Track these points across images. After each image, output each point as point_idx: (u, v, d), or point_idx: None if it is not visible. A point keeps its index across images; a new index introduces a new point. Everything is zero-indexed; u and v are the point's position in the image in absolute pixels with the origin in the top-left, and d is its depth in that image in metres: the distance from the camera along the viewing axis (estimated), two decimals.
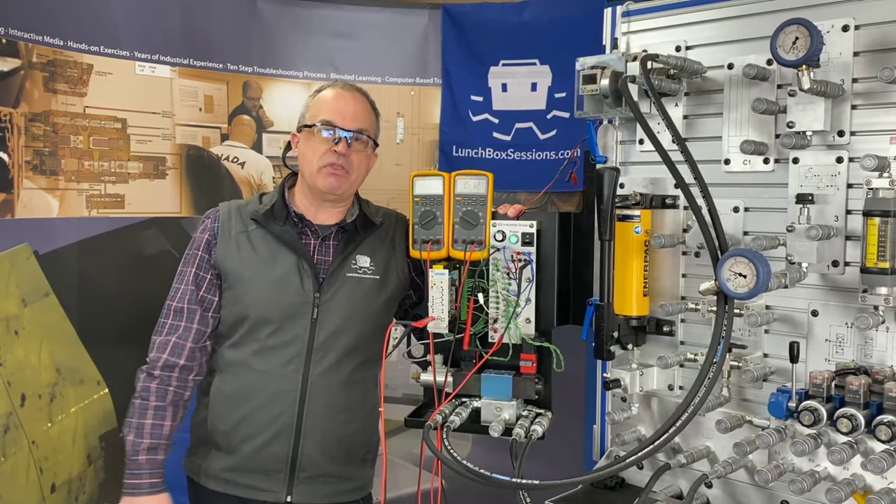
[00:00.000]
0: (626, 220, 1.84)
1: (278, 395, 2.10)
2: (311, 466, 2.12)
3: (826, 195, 1.65)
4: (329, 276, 2.13)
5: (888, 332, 1.62)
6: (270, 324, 2.10)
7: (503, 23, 3.46)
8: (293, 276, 2.11)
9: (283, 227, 2.14)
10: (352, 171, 2.13)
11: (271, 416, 2.10)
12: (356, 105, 2.17)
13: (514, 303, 1.87)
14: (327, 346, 2.11)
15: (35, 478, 2.76)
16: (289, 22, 3.42)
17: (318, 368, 2.11)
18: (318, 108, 2.16)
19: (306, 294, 2.10)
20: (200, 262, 2.16)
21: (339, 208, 2.20)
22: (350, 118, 2.13)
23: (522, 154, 3.49)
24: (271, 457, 2.11)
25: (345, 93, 2.19)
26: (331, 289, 2.12)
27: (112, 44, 3.01)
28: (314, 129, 2.12)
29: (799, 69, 1.57)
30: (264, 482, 2.12)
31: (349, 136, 2.11)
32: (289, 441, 2.10)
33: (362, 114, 2.17)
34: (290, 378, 2.10)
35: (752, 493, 1.81)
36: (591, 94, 1.86)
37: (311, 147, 2.13)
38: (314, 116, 2.15)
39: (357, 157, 2.14)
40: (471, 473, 1.63)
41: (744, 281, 1.55)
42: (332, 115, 2.13)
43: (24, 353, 2.72)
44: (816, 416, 1.57)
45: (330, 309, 2.11)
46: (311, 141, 2.13)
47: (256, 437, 2.11)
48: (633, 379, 1.87)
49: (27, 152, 2.76)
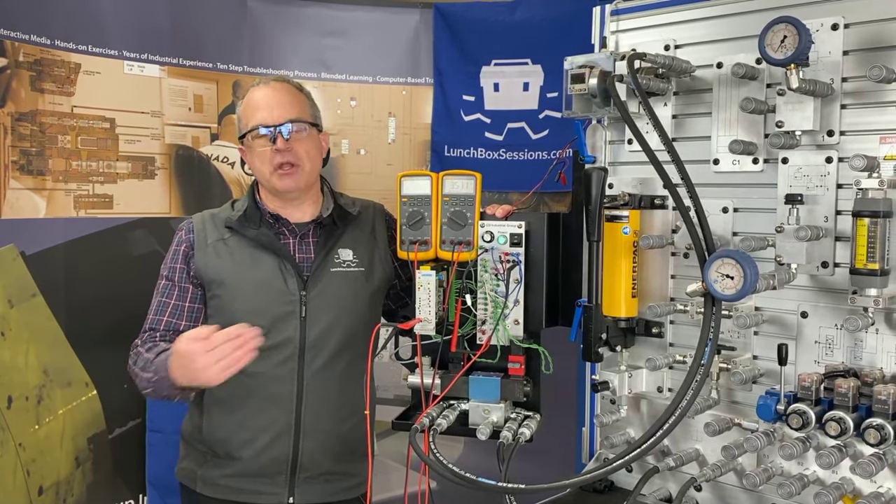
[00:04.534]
0: (615, 221, 1.82)
1: (274, 397, 2.08)
2: (312, 466, 2.11)
3: (815, 195, 1.64)
4: (313, 273, 2.11)
5: (878, 334, 1.60)
6: (260, 328, 2.07)
7: (495, 22, 3.45)
8: (276, 278, 2.09)
9: (259, 230, 2.12)
10: (302, 162, 2.09)
11: (269, 419, 2.08)
12: (279, 96, 2.12)
13: (502, 304, 1.85)
14: (320, 344, 2.10)
15: (22, 480, 2.74)
16: (279, 21, 3.41)
17: (312, 367, 2.09)
18: (246, 115, 2.13)
19: (292, 294, 2.08)
20: (181, 275, 2.13)
21: (308, 202, 2.17)
22: (277, 111, 2.08)
23: (514, 154, 3.48)
24: (272, 459, 2.09)
25: (265, 89, 2.13)
26: (316, 286, 2.10)
27: (100, 43, 2.99)
28: (250, 136, 2.10)
29: (788, 68, 1.55)
30: (266, 486, 2.11)
31: (284, 129, 2.07)
32: (288, 442, 2.09)
33: (288, 102, 2.11)
34: (286, 379, 2.08)
35: (741, 496, 1.79)
36: (580, 93, 1.84)
37: (255, 155, 2.10)
38: (245, 126, 2.12)
39: (302, 146, 2.09)
40: (456, 477, 1.62)
41: (731, 282, 1.53)
42: (258, 116, 2.08)
43: (10, 354, 2.71)
44: (805, 419, 1.56)
45: (318, 306, 2.10)
46: (253, 149, 2.11)
47: (255, 441, 2.09)
48: (622, 381, 1.85)
49: (14, 152, 2.74)
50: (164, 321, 2.12)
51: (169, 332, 2.10)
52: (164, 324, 2.12)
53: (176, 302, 2.13)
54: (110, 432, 3.05)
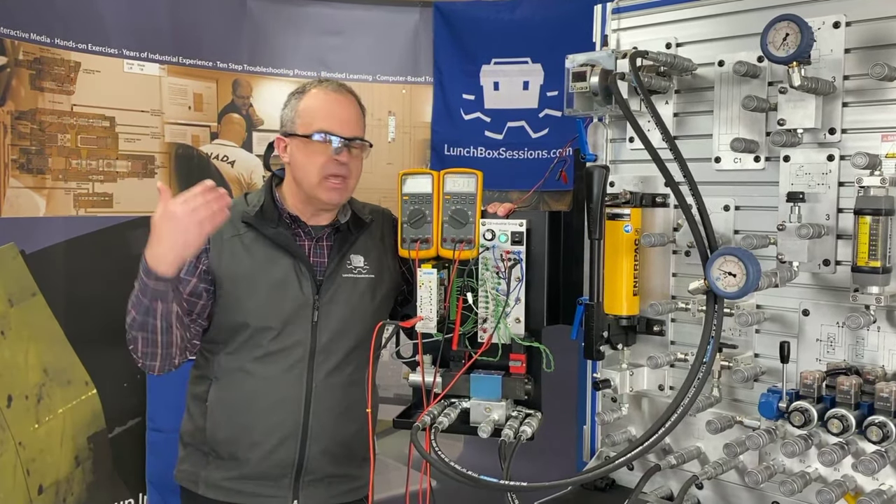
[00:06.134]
0: (616, 219, 1.82)
1: (282, 400, 2.06)
2: (316, 469, 2.09)
3: (817, 193, 1.64)
4: (327, 277, 2.09)
5: (879, 332, 1.60)
6: (271, 330, 2.05)
7: (495, 21, 3.45)
8: (291, 280, 2.06)
9: (276, 229, 2.08)
10: (351, 177, 2.08)
11: (276, 422, 2.06)
12: (351, 110, 2.10)
13: (503, 302, 1.85)
14: (329, 349, 2.08)
15: (22, 479, 2.74)
16: (279, 20, 3.41)
17: (321, 372, 2.07)
18: (312, 115, 2.07)
19: (306, 297, 2.06)
20: (188, 267, 2.02)
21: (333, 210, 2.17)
22: (347, 125, 2.06)
23: (514, 153, 3.48)
24: (277, 463, 2.07)
25: (338, 97, 2.10)
26: (329, 291, 2.08)
27: (100, 41, 2.99)
28: (311, 139, 2.04)
29: (789, 66, 1.55)
30: (270, 489, 2.09)
31: (352, 145, 2.05)
32: (295, 446, 2.07)
33: (356, 118, 2.11)
34: (294, 383, 2.06)
35: (743, 494, 1.79)
36: (581, 91, 1.84)
37: (309, 158, 2.04)
38: (308, 125, 2.06)
39: (356, 163, 2.09)
40: (458, 475, 1.61)
41: (733, 280, 1.53)
42: (328, 123, 2.04)
43: (10, 353, 2.70)
44: (807, 416, 1.56)
45: (329, 311, 2.08)
46: (308, 151, 2.05)
47: (262, 444, 2.06)
48: (623, 379, 1.85)
49: (13, 150, 2.74)
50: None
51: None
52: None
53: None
54: (110, 431, 3.05)
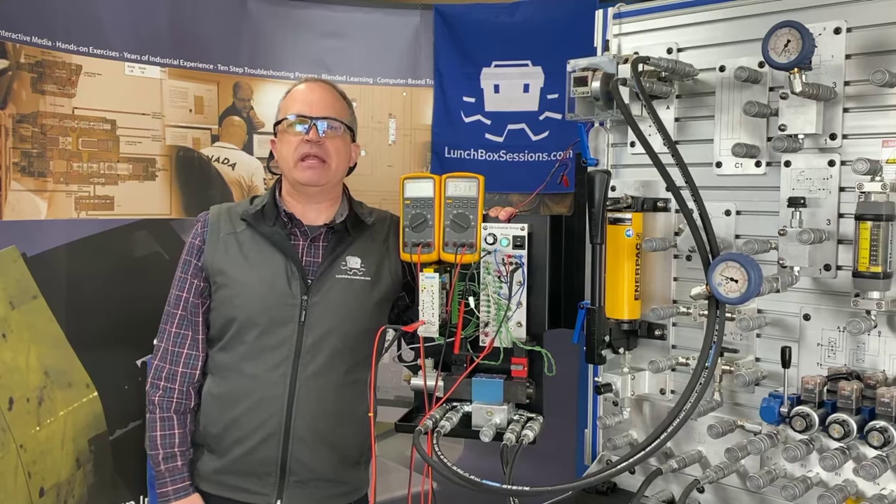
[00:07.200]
0: (618, 224, 1.83)
1: (266, 399, 2.09)
2: (301, 470, 2.11)
3: (818, 199, 1.64)
4: (317, 278, 2.11)
5: (880, 337, 1.61)
6: (257, 326, 2.09)
7: (495, 23, 3.45)
8: (280, 278, 2.09)
9: (272, 227, 2.13)
10: (329, 160, 2.11)
11: (260, 420, 2.09)
12: (323, 93, 2.17)
13: (505, 306, 1.86)
14: (315, 350, 2.09)
15: (23, 482, 2.74)
16: (279, 22, 3.40)
17: (306, 372, 2.09)
18: (287, 105, 2.17)
19: (294, 296, 2.08)
20: (194, 270, 2.16)
21: (325, 204, 2.18)
22: (318, 106, 2.13)
23: (515, 155, 3.48)
24: (260, 461, 2.10)
25: (309, 84, 2.20)
26: (319, 291, 2.10)
27: (101, 44, 2.98)
28: (285, 123, 2.13)
29: (791, 72, 1.56)
30: (255, 485, 2.12)
31: (320, 124, 2.10)
32: (277, 445, 2.09)
33: (330, 101, 2.17)
34: (278, 382, 2.09)
35: (745, 498, 1.80)
36: (582, 96, 1.84)
37: (285, 143, 2.13)
38: (283, 114, 2.16)
39: (332, 144, 2.12)
40: (460, 479, 1.62)
41: (735, 286, 1.54)
42: (300, 106, 2.13)
43: (11, 355, 2.70)
44: (808, 421, 1.56)
45: (318, 312, 2.10)
46: (285, 137, 2.13)
47: (246, 440, 2.10)
48: (625, 383, 1.86)
49: (15, 154, 2.74)
50: (171, 312, 2.17)
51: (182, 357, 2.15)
52: (172, 318, 2.17)
53: (186, 295, 2.16)
54: (111, 434, 3.04)
